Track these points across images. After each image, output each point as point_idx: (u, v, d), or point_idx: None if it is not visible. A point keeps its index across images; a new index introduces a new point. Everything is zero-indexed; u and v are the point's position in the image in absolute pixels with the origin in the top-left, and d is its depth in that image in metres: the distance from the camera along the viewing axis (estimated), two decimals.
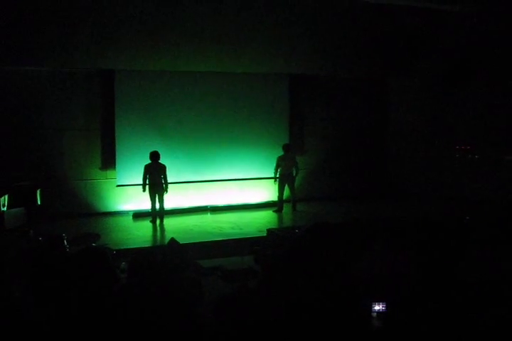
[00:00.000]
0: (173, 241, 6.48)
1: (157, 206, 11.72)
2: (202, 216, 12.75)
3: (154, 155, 11.59)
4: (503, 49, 12.39)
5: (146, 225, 11.62)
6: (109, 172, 12.84)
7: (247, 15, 12.73)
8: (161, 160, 11.67)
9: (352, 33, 13.67)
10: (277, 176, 13.03)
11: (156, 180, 11.58)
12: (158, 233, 11.16)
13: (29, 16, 11.12)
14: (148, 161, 11.60)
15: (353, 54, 13.96)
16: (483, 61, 12.78)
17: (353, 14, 13.33)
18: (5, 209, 9.60)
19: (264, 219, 12.24)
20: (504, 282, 3.68)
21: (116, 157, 12.70)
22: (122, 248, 8.95)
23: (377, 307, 3.25)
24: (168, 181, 11.75)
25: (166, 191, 11.70)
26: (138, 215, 12.38)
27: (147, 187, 11.57)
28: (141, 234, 10.92)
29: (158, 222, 11.72)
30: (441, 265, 3.10)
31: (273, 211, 13.09)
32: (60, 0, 11.27)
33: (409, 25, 13.62)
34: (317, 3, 12.71)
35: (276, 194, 13.16)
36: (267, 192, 13.98)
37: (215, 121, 13.50)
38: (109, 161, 12.79)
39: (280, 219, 12.53)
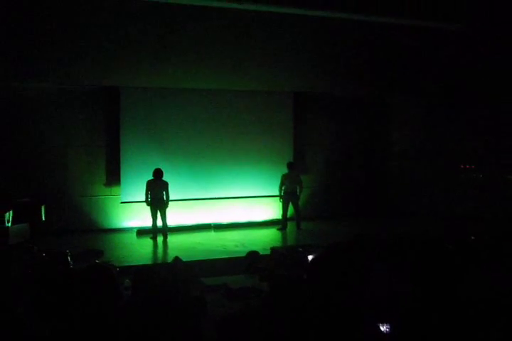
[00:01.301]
0: (177, 259, 6.47)
1: (160, 223, 11.72)
2: (206, 233, 12.72)
3: (157, 173, 11.62)
4: (504, 67, 12.44)
5: (150, 242, 11.61)
6: (114, 189, 12.86)
7: (251, 33, 12.86)
8: (165, 177, 11.69)
9: (354, 52, 13.79)
10: (281, 194, 13.02)
11: (157, 196, 11.59)
12: (162, 250, 11.14)
13: (35, 33, 11.25)
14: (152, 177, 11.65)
15: (355, 73, 14.04)
16: (485, 79, 12.82)
17: (354, 34, 13.44)
18: (9, 224, 9.61)
19: (268, 237, 12.20)
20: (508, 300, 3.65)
21: (121, 173, 12.73)
22: (126, 265, 8.92)
23: (382, 328, 3.23)
24: (172, 198, 11.77)
25: (166, 206, 11.70)
26: (142, 232, 12.35)
27: (149, 203, 11.61)
28: (145, 251, 10.91)
29: (161, 239, 11.71)
30: (443, 285, 3.08)
31: (277, 229, 13.06)
32: (65, 18, 11.41)
33: (409, 44, 13.71)
34: (320, 23, 12.80)
35: (280, 212, 13.14)
36: (271, 210, 13.96)
37: (219, 138, 13.53)
38: (113, 178, 12.82)
39: (284, 238, 12.49)
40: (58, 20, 11.36)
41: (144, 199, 11.67)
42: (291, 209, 13.08)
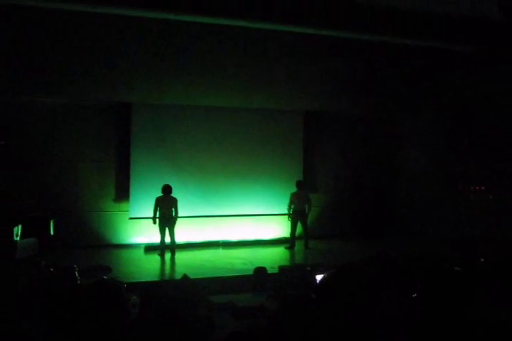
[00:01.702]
0: (185, 277, 6.45)
1: (168, 240, 11.70)
2: (214, 251, 12.69)
3: (166, 189, 11.64)
4: None
5: (158, 259, 11.58)
6: (123, 205, 12.88)
7: (263, 52, 12.92)
8: (174, 194, 11.70)
9: (366, 72, 13.82)
10: (290, 213, 12.98)
11: (166, 213, 11.59)
12: (170, 267, 11.10)
13: (46, 49, 11.36)
14: (161, 194, 11.66)
15: (366, 93, 14.07)
16: (495, 99, 12.81)
17: (365, 53, 13.49)
18: (18, 238, 9.62)
19: (276, 256, 12.15)
20: None
21: (130, 189, 12.75)
22: (133, 281, 8.89)
23: None
24: (181, 215, 11.77)
25: (175, 222, 11.69)
26: (150, 248, 12.33)
27: (157, 220, 11.59)
28: (153, 267, 10.88)
29: (169, 255, 11.67)
30: (451, 307, 3.04)
31: (285, 248, 13.01)
32: (77, 33, 11.52)
33: (420, 64, 13.76)
34: (330, 42, 12.89)
35: (289, 230, 13.10)
36: (279, 228, 13.92)
37: (228, 155, 13.56)
38: (122, 193, 12.85)
39: (292, 256, 12.43)
40: (70, 35, 11.47)
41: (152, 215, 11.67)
42: (299, 228, 13.03)
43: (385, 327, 3.17)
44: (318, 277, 6.19)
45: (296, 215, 12.93)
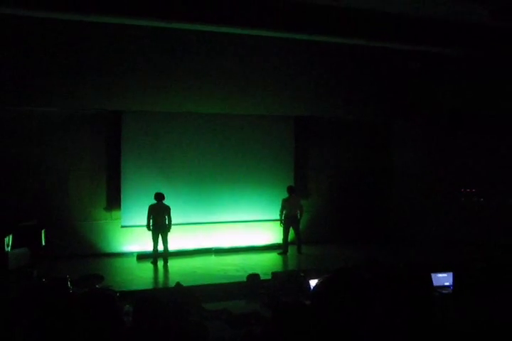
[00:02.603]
0: (178, 285, 6.44)
1: (161, 247, 11.68)
2: (206, 258, 12.64)
3: (158, 196, 11.63)
4: (506, 92, 12.52)
5: (150, 267, 11.55)
6: (114, 213, 12.82)
7: (253, 58, 12.97)
8: (166, 201, 11.69)
9: (356, 77, 13.88)
10: (282, 218, 12.97)
11: (159, 221, 11.57)
12: (162, 275, 11.08)
13: (36, 58, 11.34)
14: (153, 202, 11.64)
15: (357, 97, 14.12)
16: (487, 103, 12.89)
17: (355, 58, 13.56)
18: (9, 249, 9.56)
19: (269, 262, 12.13)
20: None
21: (122, 198, 12.71)
22: (126, 290, 8.84)
23: None
24: (173, 222, 11.75)
25: (169, 230, 11.68)
26: (142, 257, 12.28)
27: (151, 227, 11.58)
28: (145, 275, 10.84)
29: (162, 263, 11.64)
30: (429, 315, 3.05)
31: (278, 253, 12.99)
32: (67, 43, 11.52)
33: (412, 68, 13.83)
34: (321, 47, 12.93)
35: (281, 236, 13.09)
36: (271, 234, 13.89)
37: (220, 162, 13.55)
38: (114, 202, 12.79)
39: (285, 262, 12.42)
40: (60, 44, 11.47)
41: (145, 223, 11.64)
42: (291, 234, 13.03)
43: (379, 332, 3.16)
44: (312, 282, 6.19)
45: (288, 221, 12.91)
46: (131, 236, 12.79)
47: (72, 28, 11.44)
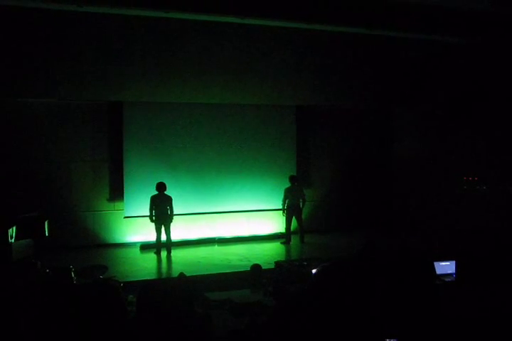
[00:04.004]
0: (181, 275, 6.44)
1: (164, 237, 11.70)
2: (209, 248, 12.68)
3: (160, 186, 11.64)
4: (507, 78, 12.46)
5: (153, 257, 11.58)
6: (117, 204, 12.84)
7: (254, 47, 12.91)
8: (168, 192, 11.70)
9: (357, 64, 13.82)
10: (285, 208, 12.97)
11: (162, 211, 11.59)
12: (166, 265, 11.10)
13: (36, 49, 11.30)
14: (155, 192, 11.65)
15: (357, 85, 14.07)
16: (488, 91, 12.84)
17: (356, 46, 13.49)
18: (12, 240, 9.57)
19: (272, 251, 12.16)
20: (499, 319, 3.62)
21: (124, 188, 12.72)
22: (129, 280, 8.89)
23: None
24: (176, 212, 11.77)
25: (171, 220, 11.69)
26: (145, 247, 12.32)
27: (154, 218, 11.59)
28: (149, 266, 10.87)
29: (165, 253, 11.67)
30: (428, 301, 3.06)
31: (281, 243, 13.02)
32: (68, 33, 11.47)
33: (412, 55, 13.78)
34: (321, 36, 12.86)
35: (284, 226, 13.10)
36: (274, 223, 13.92)
37: (222, 152, 13.54)
38: (117, 192, 12.81)
39: (288, 251, 12.45)
40: (60, 35, 11.42)
41: (148, 214, 11.66)
42: (294, 223, 13.04)
43: (381, 319, 3.17)
44: (315, 271, 6.20)
45: (290, 210, 12.92)
46: (134, 227, 12.82)
47: (72, 19, 11.39)
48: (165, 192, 11.68)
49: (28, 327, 4.01)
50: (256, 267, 7.99)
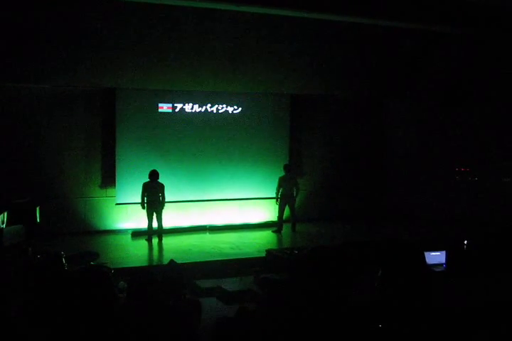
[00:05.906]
0: (172, 262, 6.46)
1: (156, 225, 11.70)
2: (201, 235, 12.69)
3: (153, 174, 11.61)
4: (499, 69, 12.48)
5: (145, 244, 11.59)
6: (109, 191, 12.83)
7: (248, 35, 12.86)
8: (161, 179, 11.68)
9: (351, 55, 13.80)
10: (278, 196, 12.98)
11: (153, 199, 11.58)
12: (157, 252, 11.11)
13: (30, 35, 11.20)
14: (147, 179, 11.63)
15: (351, 75, 14.08)
16: (480, 82, 12.86)
17: (351, 36, 13.45)
18: (4, 226, 9.56)
19: (264, 240, 12.19)
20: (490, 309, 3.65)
21: (116, 175, 12.70)
22: (120, 267, 8.90)
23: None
24: (168, 200, 11.77)
25: (162, 207, 11.70)
26: (137, 234, 12.33)
27: (145, 205, 11.59)
28: (140, 253, 10.88)
29: (156, 241, 11.68)
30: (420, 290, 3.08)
31: (272, 231, 13.04)
32: (61, 19, 11.37)
33: (405, 46, 13.77)
34: (316, 25, 12.82)
35: (276, 214, 13.12)
36: (266, 212, 13.95)
37: (215, 140, 13.52)
38: (109, 179, 12.79)
39: (279, 240, 12.48)
40: (54, 22, 11.32)
41: (139, 201, 11.65)
42: (286, 212, 13.05)
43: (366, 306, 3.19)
44: (299, 257, 6.23)
45: (284, 199, 12.92)
46: (125, 214, 12.83)
47: (66, 4, 11.30)
48: (157, 180, 11.66)
49: (18, 312, 4.02)
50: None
